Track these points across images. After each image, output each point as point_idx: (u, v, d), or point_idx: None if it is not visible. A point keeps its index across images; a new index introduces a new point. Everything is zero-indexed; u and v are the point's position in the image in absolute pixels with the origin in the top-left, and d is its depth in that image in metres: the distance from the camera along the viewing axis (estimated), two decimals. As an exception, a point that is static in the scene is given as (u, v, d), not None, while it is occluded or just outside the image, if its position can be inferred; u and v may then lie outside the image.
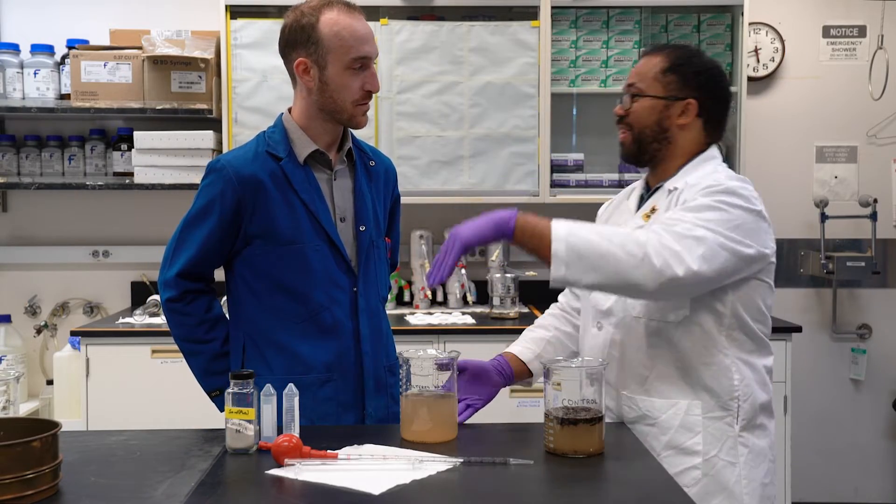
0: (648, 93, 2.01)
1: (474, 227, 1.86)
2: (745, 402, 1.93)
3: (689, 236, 1.80)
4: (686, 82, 2.00)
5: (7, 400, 1.86)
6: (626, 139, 2.05)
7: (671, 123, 2.01)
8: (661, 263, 1.77)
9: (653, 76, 2.01)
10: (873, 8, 4.15)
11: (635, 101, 2.02)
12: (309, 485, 1.60)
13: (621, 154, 2.09)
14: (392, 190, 2.34)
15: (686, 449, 1.92)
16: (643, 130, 2.02)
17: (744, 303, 1.92)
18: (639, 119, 2.02)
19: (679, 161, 2.03)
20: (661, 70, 2.01)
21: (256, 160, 2.14)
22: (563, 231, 1.81)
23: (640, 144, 2.03)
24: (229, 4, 3.74)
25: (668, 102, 2.00)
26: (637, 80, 2.03)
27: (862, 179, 4.21)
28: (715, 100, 2.03)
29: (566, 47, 3.88)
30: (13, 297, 4.07)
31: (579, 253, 1.79)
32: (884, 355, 4.23)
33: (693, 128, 2.02)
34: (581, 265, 1.79)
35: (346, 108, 2.12)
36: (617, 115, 2.06)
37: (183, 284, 2.17)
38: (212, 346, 2.20)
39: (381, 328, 2.24)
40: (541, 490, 1.61)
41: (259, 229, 2.12)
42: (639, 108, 2.02)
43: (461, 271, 3.96)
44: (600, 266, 1.78)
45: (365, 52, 2.10)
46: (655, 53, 2.05)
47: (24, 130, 4.02)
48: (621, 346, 1.99)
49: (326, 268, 2.14)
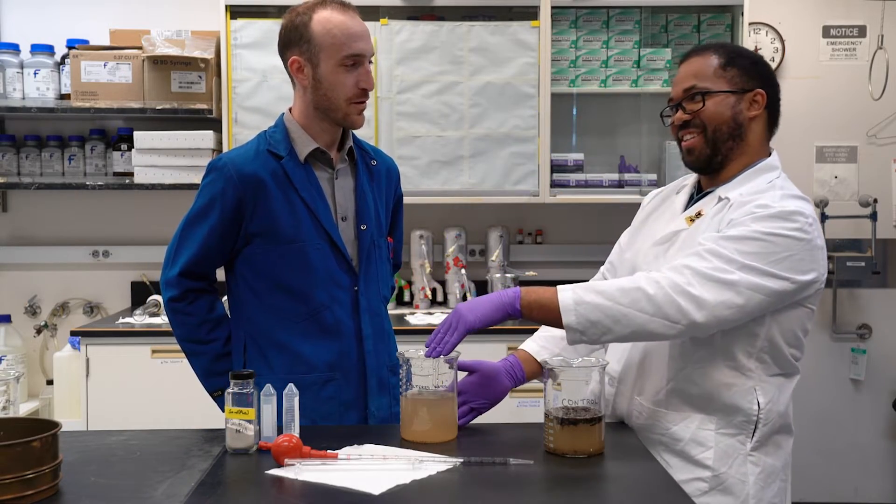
0: (716, 89, 1.92)
1: (480, 311, 1.83)
2: (764, 425, 1.88)
3: (717, 280, 1.75)
4: (749, 74, 1.94)
5: (7, 400, 1.86)
6: (698, 143, 1.94)
7: (744, 117, 1.93)
8: (675, 312, 1.75)
9: (713, 73, 1.93)
10: (873, 8, 4.15)
11: (702, 100, 1.92)
12: (309, 485, 1.60)
13: (690, 162, 1.98)
14: (395, 189, 2.34)
15: (696, 461, 1.89)
16: (719, 128, 1.92)
17: (781, 329, 1.86)
18: (712, 117, 1.92)
19: (744, 161, 1.95)
20: (720, 66, 1.93)
21: (257, 159, 2.14)
22: (570, 301, 1.79)
23: (714, 145, 1.93)
24: (229, 4, 3.74)
25: (738, 96, 1.92)
26: (697, 80, 1.94)
27: (862, 179, 4.21)
28: (775, 87, 1.98)
29: (566, 47, 3.87)
30: (13, 297, 4.07)
31: (591, 320, 1.78)
32: (884, 355, 4.22)
33: (760, 122, 1.96)
34: (595, 330, 1.79)
35: (341, 105, 2.12)
36: (679, 121, 1.96)
37: (185, 284, 2.17)
38: (214, 347, 2.19)
39: (384, 327, 2.24)
40: (541, 490, 1.61)
41: (260, 228, 2.12)
42: (711, 106, 1.92)
43: (461, 271, 3.96)
44: (614, 328, 1.78)
45: (357, 49, 2.09)
46: (702, 54, 1.97)
47: (24, 130, 4.02)
48: (643, 351, 1.95)
49: (327, 267, 2.14)
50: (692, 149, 1.96)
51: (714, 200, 1.94)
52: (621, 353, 2.00)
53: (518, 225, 4.18)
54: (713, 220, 1.90)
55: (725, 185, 1.95)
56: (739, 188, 1.91)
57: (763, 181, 1.92)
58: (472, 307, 1.83)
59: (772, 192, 1.87)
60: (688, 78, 1.96)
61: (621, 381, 1.99)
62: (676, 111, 1.98)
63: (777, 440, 1.92)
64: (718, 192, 1.94)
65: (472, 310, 1.83)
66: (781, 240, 1.79)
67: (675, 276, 1.77)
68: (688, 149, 1.97)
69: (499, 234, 4.03)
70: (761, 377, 1.88)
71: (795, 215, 1.82)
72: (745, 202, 1.86)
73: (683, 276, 1.77)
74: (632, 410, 1.97)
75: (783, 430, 1.93)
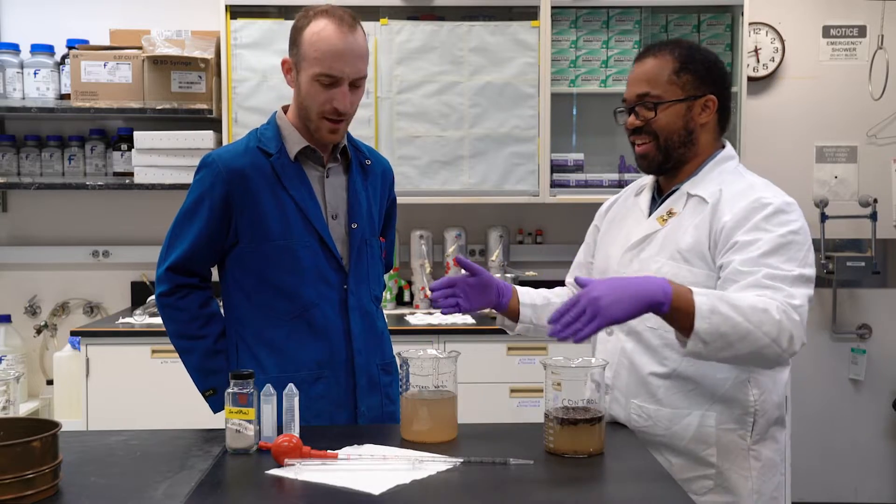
0: (669, 98, 1.92)
1: (625, 306, 1.69)
2: (762, 417, 1.90)
3: (794, 307, 1.74)
4: (701, 79, 1.93)
5: (7, 400, 1.86)
6: (650, 150, 1.96)
7: (695, 124, 1.94)
8: (787, 343, 1.73)
9: (667, 79, 1.93)
10: (873, 8, 4.15)
11: (654, 109, 1.93)
12: (309, 485, 1.60)
13: (643, 166, 2.00)
14: (388, 191, 2.34)
15: (700, 459, 1.89)
16: (670, 137, 1.94)
17: None
18: (664, 127, 1.93)
19: (698, 161, 1.97)
20: (674, 71, 1.93)
21: (247, 155, 2.14)
22: (706, 308, 1.70)
23: (666, 152, 1.95)
24: (229, 4, 3.74)
25: (689, 103, 1.93)
26: (650, 87, 1.93)
27: (862, 179, 4.21)
28: (726, 90, 1.98)
29: (566, 47, 3.88)
30: (13, 297, 4.07)
31: (720, 333, 1.70)
32: (884, 355, 4.22)
33: (710, 125, 1.97)
34: (719, 343, 1.71)
35: (313, 118, 2.11)
36: (632, 126, 1.97)
37: (174, 279, 2.17)
38: (205, 343, 2.18)
39: (375, 326, 2.23)
40: (541, 490, 1.61)
41: (248, 225, 2.12)
42: (663, 116, 1.92)
43: (461, 271, 3.95)
44: (736, 345, 1.72)
45: (334, 70, 2.05)
46: (659, 54, 1.96)
47: (24, 130, 4.02)
48: (632, 354, 1.95)
49: (316, 265, 2.14)
50: (645, 155, 1.97)
51: (683, 198, 1.95)
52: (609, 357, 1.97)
53: (518, 225, 4.18)
54: (693, 219, 1.90)
55: (690, 181, 1.96)
56: (707, 184, 1.93)
57: (727, 172, 1.95)
58: (614, 299, 1.68)
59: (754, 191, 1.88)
60: (641, 82, 1.96)
61: (614, 387, 1.98)
62: (630, 113, 1.98)
63: (773, 433, 1.94)
64: (686, 190, 1.96)
65: (616, 302, 1.68)
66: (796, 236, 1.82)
67: (785, 306, 1.74)
68: (641, 154, 1.98)
69: (499, 234, 4.03)
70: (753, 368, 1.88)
71: (788, 206, 1.86)
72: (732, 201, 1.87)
73: (788, 311, 1.74)
74: (630, 414, 1.96)
75: (778, 422, 1.95)
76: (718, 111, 1.96)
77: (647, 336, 1.93)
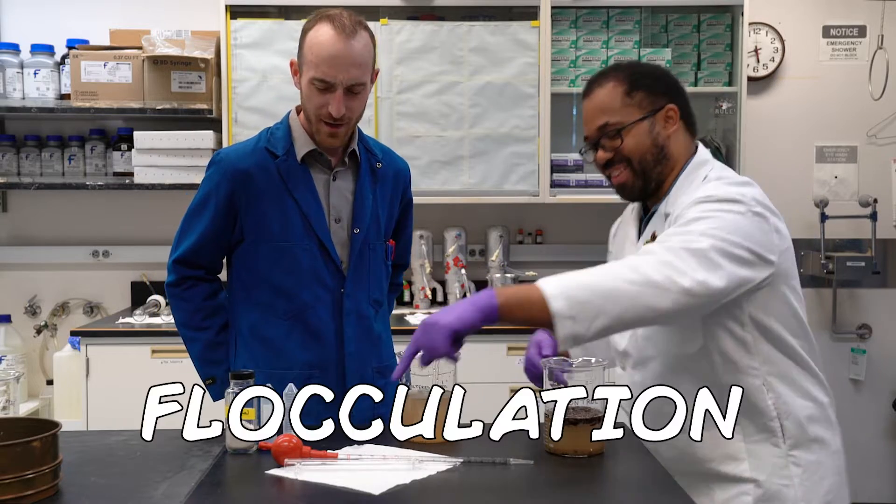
0: (630, 120, 1.87)
1: (453, 311, 1.67)
2: (787, 419, 1.82)
3: (685, 248, 1.67)
4: (655, 92, 1.89)
5: (7, 400, 1.86)
6: (627, 178, 1.90)
7: (663, 138, 1.88)
8: (664, 279, 1.64)
9: (621, 103, 1.88)
10: (873, 8, 4.15)
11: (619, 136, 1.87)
12: (309, 485, 1.60)
13: (625, 196, 1.95)
14: (402, 192, 2.34)
15: (734, 477, 1.83)
16: (644, 158, 1.88)
17: (763, 316, 1.80)
18: (634, 150, 1.88)
19: (673, 174, 1.90)
20: (625, 92, 1.88)
21: (254, 155, 2.17)
22: (553, 287, 1.65)
23: (644, 175, 1.89)
24: (229, 4, 3.74)
25: (652, 119, 1.87)
26: (607, 116, 1.88)
27: (862, 179, 4.21)
28: (681, 94, 1.93)
29: (566, 47, 3.87)
30: (13, 297, 4.07)
31: (580, 301, 1.64)
32: (884, 355, 4.22)
33: (679, 132, 1.91)
34: (586, 313, 1.63)
35: (312, 119, 2.13)
36: (603, 160, 1.91)
37: (181, 270, 2.23)
38: (207, 334, 2.24)
39: (371, 330, 2.24)
40: (541, 490, 1.61)
41: (251, 224, 2.16)
42: (630, 140, 1.87)
43: (461, 271, 3.96)
44: (606, 307, 1.64)
45: (327, 75, 2.05)
46: (603, 84, 1.91)
47: (24, 130, 4.02)
48: (642, 386, 1.87)
49: (314, 267, 2.16)
50: (624, 185, 1.92)
51: (662, 219, 1.88)
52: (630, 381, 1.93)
53: (518, 225, 4.18)
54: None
55: (666, 199, 1.90)
56: (680, 198, 1.86)
57: (698, 179, 1.87)
58: (446, 311, 1.68)
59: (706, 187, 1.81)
60: (596, 114, 1.90)
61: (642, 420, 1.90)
62: (596, 149, 1.92)
63: (817, 435, 1.85)
64: (662, 210, 1.89)
65: (446, 313, 1.67)
66: (730, 215, 1.72)
67: (653, 251, 1.70)
68: (619, 185, 1.92)
69: (499, 234, 4.03)
70: (767, 371, 1.82)
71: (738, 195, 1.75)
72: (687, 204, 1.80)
73: (657, 253, 1.68)
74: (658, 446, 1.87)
75: (818, 422, 1.85)
76: (683, 118, 1.91)
77: (652, 366, 1.89)
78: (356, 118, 2.15)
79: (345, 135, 2.16)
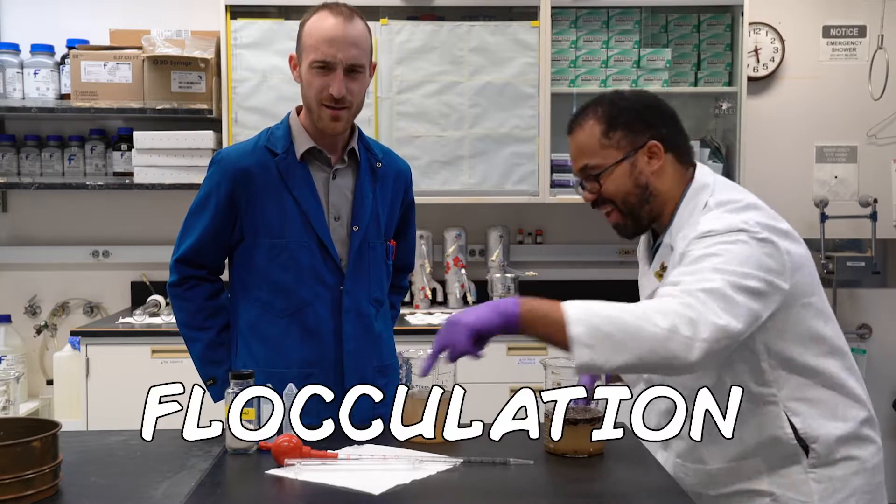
0: (608, 163, 1.81)
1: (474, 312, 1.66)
2: (816, 443, 1.76)
3: (702, 289, 1.60)
4: (634, 130, 1.81)
5: (7, 400, 1.86)
6: (618, 219, 1.86)
7: (647, 177, 1.82)
8: (690, 330, 1.56)
9: (598, 145, 1.82)
10: (873, 8, 4.15)
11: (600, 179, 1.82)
12: (309, 485, 1.61)
13: (622, 235, 1.91)
14: (403, 193, 2.34)
15: (749, 491, 1.80)
16: (627, 200, 1.83)
17: (779, 342, 1.74)
18: (615, 193, 1.83)
19: (671, 205, 1.84)
20: (603, 133, 1.82)
21: (254, 154, 2.19)
22: (579, 312, 1.59)
23: (632, 215, 1.84)
24: (229, 4, 3.74)
25: (632, 159, 1.81)
26: (587, 158, 1.83)
27: (862, 179, 4.21)
28: (667, 124, 1.85)
29: (566, 47, 3.87)
30: (13, 297, 4.07)
31: (603, 333, 1.57)
32: (884, 355, 4.22)
33: (666, 166, 1.83)
34: (607, 346, 1.56)
35: (313, 107, 2.13)
36: (588, 200, 1.88)
37: (183, 270, 2.23)
38: (209, 334, 2.24)
39: (371, 328, 2.24)
40: (541, 490, 1.61)
41: (251, 222, 2.17)
42: (609, 183, 1.82)
43: (461, 271, 3.96)
44: (628, 344, 1.56)
45: (327, 55, 2.07)
46: (582, 124, 1.85)
47: (24, 130, 4.01)
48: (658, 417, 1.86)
49: (313, 265, 2.17)
50: (616, 225, 1.88)
51: (668, 250, 1.83)
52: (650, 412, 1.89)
53: (518, 225, 4.18)
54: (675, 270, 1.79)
55: (669, 231, 1.84)
56: (682, 229, 1.79)
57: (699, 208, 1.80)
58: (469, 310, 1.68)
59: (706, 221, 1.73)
60: (578, 155, 1.86)
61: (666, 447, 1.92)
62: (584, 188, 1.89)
63: (848, 454, 1.80)
64: (667, 242, 1.84)
65: (467, 313, 1.67)
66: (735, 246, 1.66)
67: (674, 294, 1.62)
68: (613, 225, 1.90)
69: (499, 234, 4.03)
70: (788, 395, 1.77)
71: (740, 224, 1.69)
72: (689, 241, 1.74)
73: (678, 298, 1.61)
74: (678, 473, 1.87)
75: (850, 441, 1.81)
76: (670, 150, 1.83)
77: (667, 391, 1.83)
78: (357, 105, 2.16)
79: (347, 121, 2.16)
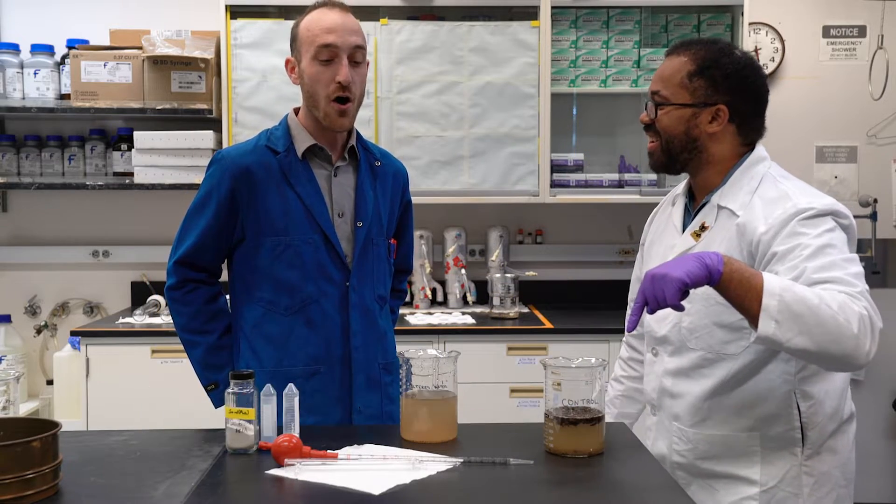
0: (674, 101, 1.86)
1: (685, 267, 1.62)
2: (813, 430, 1.81)
3: (860, 293, 1.68)
4: (716, 86, 1.85)
5: (7, 400, 1.86)
6: (655, 149, 1.92)
7: (700, 133, 1.86)
8: (869, 343, 1.63)
9: (678, 82, 1.86)
10: (873, 8, 4.15)
11: (661, 109, 1.88)
12: (309, 485, 1.60)
13: (650, 163, 1.97)
14: (402, 193, 2.35)
15: (742, 478, 1.83)
16: (671, 140, 1.88)
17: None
18: (665, 129, 1.88)
19: (719, 168, 1.89)
20: (688, 74, 1.85)
21: (255, 153, 2.19)
22: (776, 286, 1.61)
23: (669, 154, 1.90)
24: (229, 4, 3.74)
25: (696, 110, 1.85)
26: (661, 86, 1.88)
27: (862, 179, 4.21)
28: (749, 101, 1.88)
29: (566, 47, 3.87)
30: (13, 297, 4.07)
31: (794, 312, 1.59)
32: (884, 355, 4.18)
33: (726, 134, 1.88)
34: (793, 325, 1.59)
35: (321, 103, 2.13)
36: (643, 122, 1.93)
37: (183, 272, 2.21)
38: (209, 338, 2.22)
39: (377, 324, 2.24)
40: (541, 490, 1.61)
41: (254, 220, 2.16)
42: (665, 118, 1.87)
43: (461, 271, 3.96)
44: (814, 331, 1.59)
45: (329, 40, 2.10)
46: (681, 52, 1.89)
47: (24, 130, 4.02)
48: (675, 375, 1.90)
49: (319, 261, 2.16)
50: (651, 153, 1.95)
51: (714, 210, 1.87)
52: (655, 381, 1.96)
53: (518, 225, 4.18)
54: (723, 233, 1.84)
55: (719, 192, 1.88)
56: (737, 194, 1.85)
57: (757, 178, 1.86)
58: (672, 265, 1.64)
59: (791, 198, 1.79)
60: (658, 79, 1.92)
61: (659, 407, 1.96)
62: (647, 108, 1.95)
63: (832, 445, 1.84)
64: (715, 202, 1.88)
65: (673, 267, 1.63)
66: (839, 232, 1.75)
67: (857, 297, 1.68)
68: (649, 151, 1.96)
69: (499, 234, 4.03)
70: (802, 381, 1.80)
71: (832, 205, 1.77)
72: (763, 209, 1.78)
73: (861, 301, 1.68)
74: (672, 437, 1.91)
75: (837, 433, 1.85)
76: (736, 122, 1.87)
77: (690, 357, 1.88)
78: (359, 96, 2.17)
79: (353, 116, 2.17)
